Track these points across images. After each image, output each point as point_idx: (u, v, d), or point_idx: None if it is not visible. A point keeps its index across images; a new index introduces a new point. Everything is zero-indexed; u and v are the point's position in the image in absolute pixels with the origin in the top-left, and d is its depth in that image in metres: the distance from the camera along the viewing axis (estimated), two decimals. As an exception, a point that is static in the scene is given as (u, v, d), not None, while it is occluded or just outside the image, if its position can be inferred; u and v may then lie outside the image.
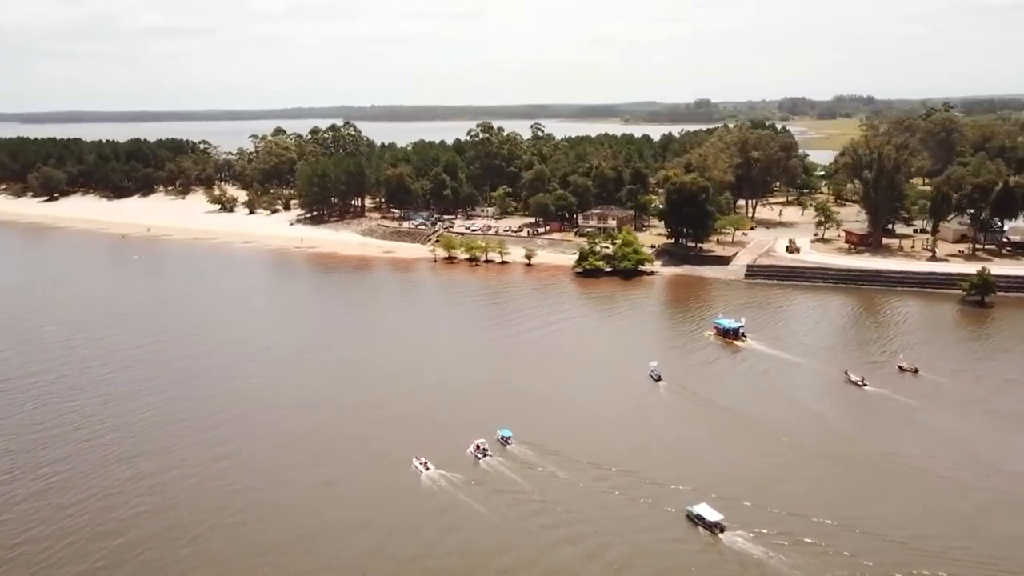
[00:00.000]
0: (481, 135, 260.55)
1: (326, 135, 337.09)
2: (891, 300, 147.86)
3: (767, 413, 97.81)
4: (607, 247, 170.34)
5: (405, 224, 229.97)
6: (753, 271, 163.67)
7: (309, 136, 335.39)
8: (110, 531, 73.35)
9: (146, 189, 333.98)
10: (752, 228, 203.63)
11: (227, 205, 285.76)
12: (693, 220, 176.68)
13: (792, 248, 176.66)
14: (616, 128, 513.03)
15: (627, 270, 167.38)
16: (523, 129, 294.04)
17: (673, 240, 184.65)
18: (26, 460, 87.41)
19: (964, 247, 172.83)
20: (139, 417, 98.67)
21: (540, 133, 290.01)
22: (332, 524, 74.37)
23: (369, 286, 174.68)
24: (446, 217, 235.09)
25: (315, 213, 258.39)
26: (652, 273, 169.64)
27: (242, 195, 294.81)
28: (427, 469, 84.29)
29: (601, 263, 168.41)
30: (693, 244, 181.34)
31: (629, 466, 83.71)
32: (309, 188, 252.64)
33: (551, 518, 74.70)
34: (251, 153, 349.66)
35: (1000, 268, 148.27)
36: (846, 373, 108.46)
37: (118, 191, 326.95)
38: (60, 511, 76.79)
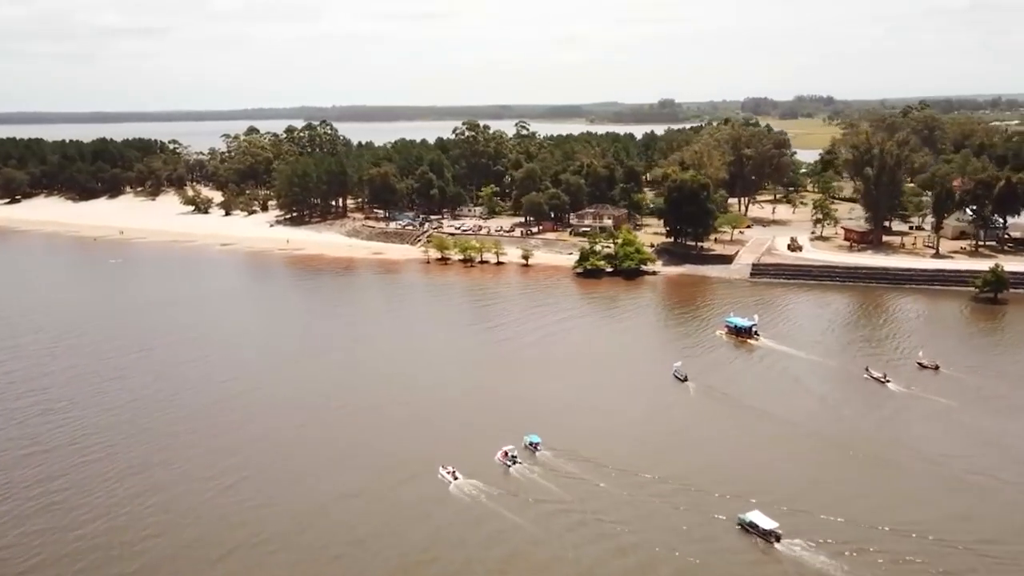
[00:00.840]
0: (467, 133, 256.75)
1: (302, 134, 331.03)
2: (901, 298, 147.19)
3: (797, 413, 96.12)
4: (608, 247, 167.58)
5: (392, 225, 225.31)
6: (759, 270, 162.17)
7: (284, 135, 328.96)
8: (123, 555, 68.49)
9: (114, 190, 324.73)
10: (748, 226, 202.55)
11: (202, 206, 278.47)
12: (694, 219, 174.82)
13: (794, 246, 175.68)
14: (581, 128, 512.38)
15: (629, 270, 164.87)
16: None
17: (672, 239, 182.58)
18: (20, 478, 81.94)
19: (965, 244, 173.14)
20: (138, 429, 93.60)
21: (525, 131, 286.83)
22: (363, 540, 70.40)
23: (362, 289, 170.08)
24: (433, 217, 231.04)
25: (295, 214, 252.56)
26: (654, 273, 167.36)
27: (217, 196, 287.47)
28: (456, 479, 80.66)
29: (603, 263, 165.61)
30: (693, 243, 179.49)
31: (668, 471, 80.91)
32: (289, 188, 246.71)
33: (596, 529, 71.51)
34: (224, 153, 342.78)
35: (1008, 264, 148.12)
36: (867, 370, 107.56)
37: (85, 193, 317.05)
38: (64, 534, 71.68)
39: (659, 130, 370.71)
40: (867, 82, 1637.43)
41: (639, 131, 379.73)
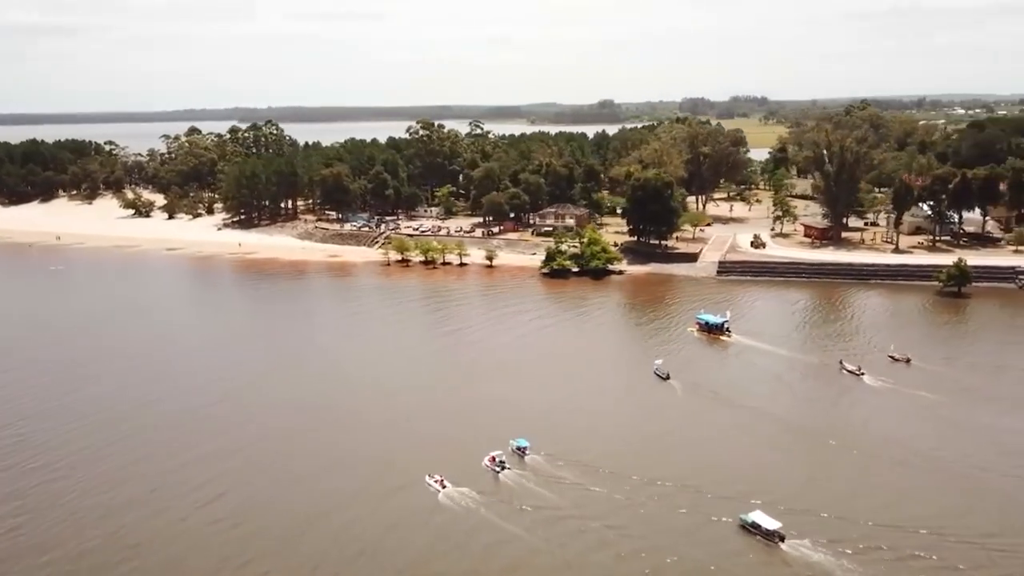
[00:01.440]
0: (421, 132, 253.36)
1: (247, 135, 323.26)
2: (867, 293, 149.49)
3: (782, 409, 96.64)
4: (575, 246, 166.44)
5: (347, 226, 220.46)
6: (725, 268, 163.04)
7: (228, 136, 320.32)
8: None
9: (47, 194, 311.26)
10: (708, 224, 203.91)
11: (143, 210, 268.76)
12: (658, 217, 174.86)
13: (757, 243, 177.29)
14: (522, 128, 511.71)
15: (596, 270, 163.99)
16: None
17: (635, 238, 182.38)
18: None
19: (922, 239, 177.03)
20: (105, 452, 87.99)
21: (479, 130, 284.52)
22: (354, 558, 67.20)
23: (324, 294, 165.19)
24: (388, 218, 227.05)
25: (243, 216, 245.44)
26: (620, 273, 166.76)
27: (159, 199, 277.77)
28: (444, 487, 78.09)
29: (570, 263, 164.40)
30: (657, 242, 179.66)
31: (662, 473, 79.73)
32: (237, 190, 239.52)
33: (595, 536, 69.74)
34: (164, 154, 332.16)
35: (970, 259, 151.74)
36: (841, 363, 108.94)
37: (15, 197, 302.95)
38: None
39: (611, 130, 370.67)
40: (798, 83, 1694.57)
41: (580, 131, 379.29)
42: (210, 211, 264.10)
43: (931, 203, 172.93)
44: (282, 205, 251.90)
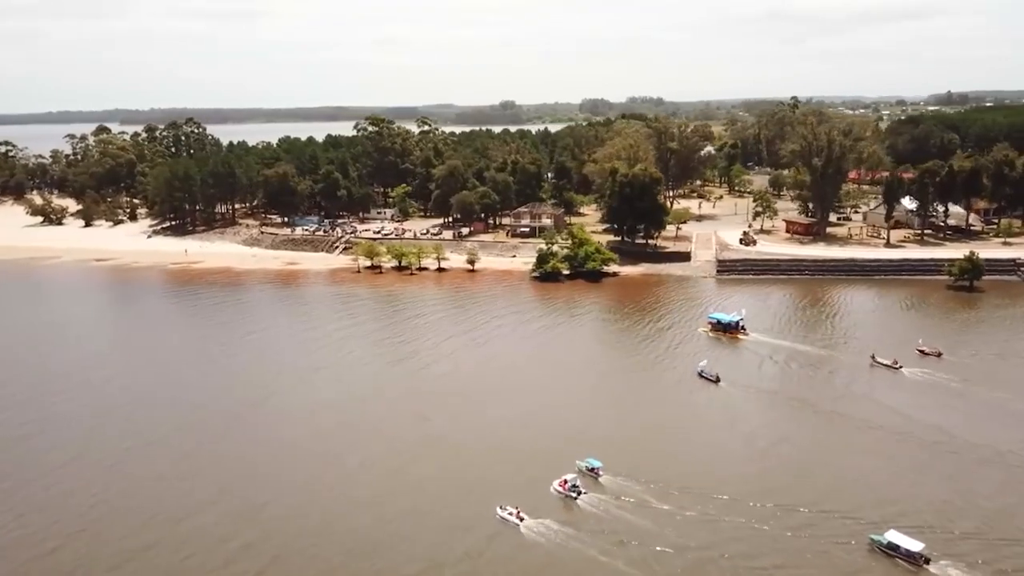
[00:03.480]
0: (370, 129, 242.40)
1: (165, 134, 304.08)
2: (875, 288, 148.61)
3: (844, 406, 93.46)
4: (567, 248, 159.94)
5: (298, 231, 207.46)
6: (725, 266, 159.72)
7: (145, 135, 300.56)
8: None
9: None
10: (685, 222, 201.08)
11: (54, 217, 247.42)
12: (647, 215, 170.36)
13: (748, 240, 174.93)
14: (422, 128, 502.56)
15: (590, 272, 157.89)
16: (320, 133, 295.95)
17: (619, 238, 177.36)
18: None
19: (907, 233, 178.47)
20: (78, 502, 75.94)
21: (427, 126, 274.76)
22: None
23: (301, 305, 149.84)
24: (340, 221, 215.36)
25: (175, 222, 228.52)
26: (615, 275, 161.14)
27: (71, 204, 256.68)
28: (522, 519, 70.20)
29: (564, 266, 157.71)
30: (644, 241, 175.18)
31: (757, 489, 74.35)
32: (168, 193, 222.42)
33: (721, 567, 63.06)
34: (70, 156, 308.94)
35: (957, 251, 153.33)
36: (873, 358, 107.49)
37: None
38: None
39: (514, 131, 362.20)
40: (691, 84, 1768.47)
41: (486, 130, 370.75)
42: (133, 217, 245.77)
43: (915, 197, 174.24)
44: (217, 209, 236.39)
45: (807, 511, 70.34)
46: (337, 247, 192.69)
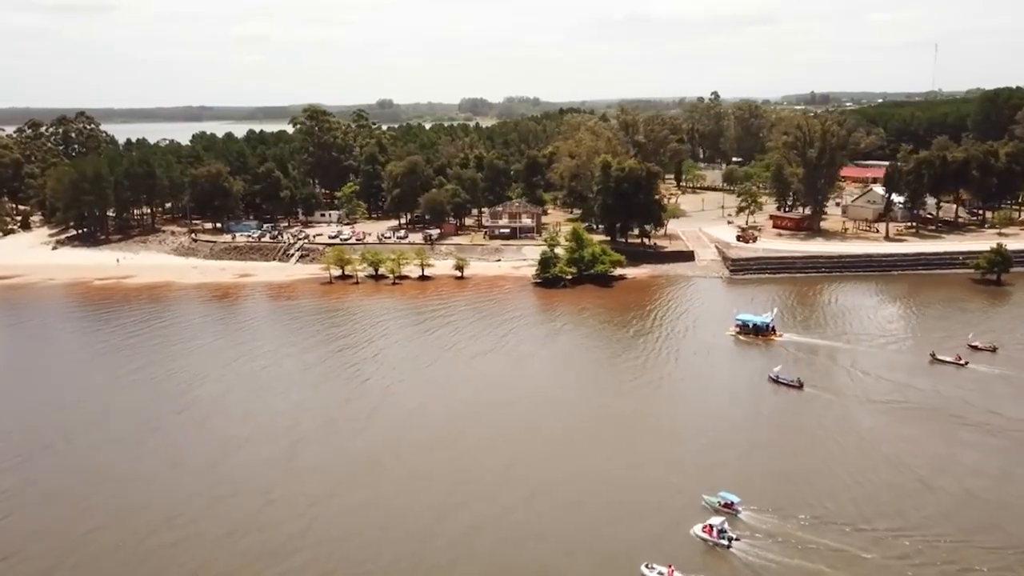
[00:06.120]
0: (308, 123, 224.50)
1: (52, 131, 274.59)
2: (896, 284, 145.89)
3: (955, 410, 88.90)
4: (570, 250, 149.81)
5: (238, 237, 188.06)
6: (739, 265, 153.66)
7: (30, 132, 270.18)
8: None
9: None
10: (677, 218, 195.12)
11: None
12: (644, 211, 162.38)
13: (747, 237, 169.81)
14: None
15: (598, 275, 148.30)
16: (185, 134, 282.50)
17: (610, 237, 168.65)
18: None
19: (898, 226, 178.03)
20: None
21: (363, 121, 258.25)
22: None
23: (295, 328, 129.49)
24: (282, 225, 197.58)
25: (84, 230, 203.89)
26: (622, 277, 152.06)
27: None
28: (680, 581, 59.77)
29: (572, 270, 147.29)
30: (639, 240, 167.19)
31: (923, 518, 67.33)
32: (75, 197, 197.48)
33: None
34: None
35: (962, 244, 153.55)
36: (932, 355, 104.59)
37: None
38: None
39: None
40: (566, 85, 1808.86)
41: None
42: (26, 226, 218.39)
43: (907, 188, 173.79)
44: (132, 215, 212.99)
45: (1001, 547, 63.11)
46: (292, 255, 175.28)
